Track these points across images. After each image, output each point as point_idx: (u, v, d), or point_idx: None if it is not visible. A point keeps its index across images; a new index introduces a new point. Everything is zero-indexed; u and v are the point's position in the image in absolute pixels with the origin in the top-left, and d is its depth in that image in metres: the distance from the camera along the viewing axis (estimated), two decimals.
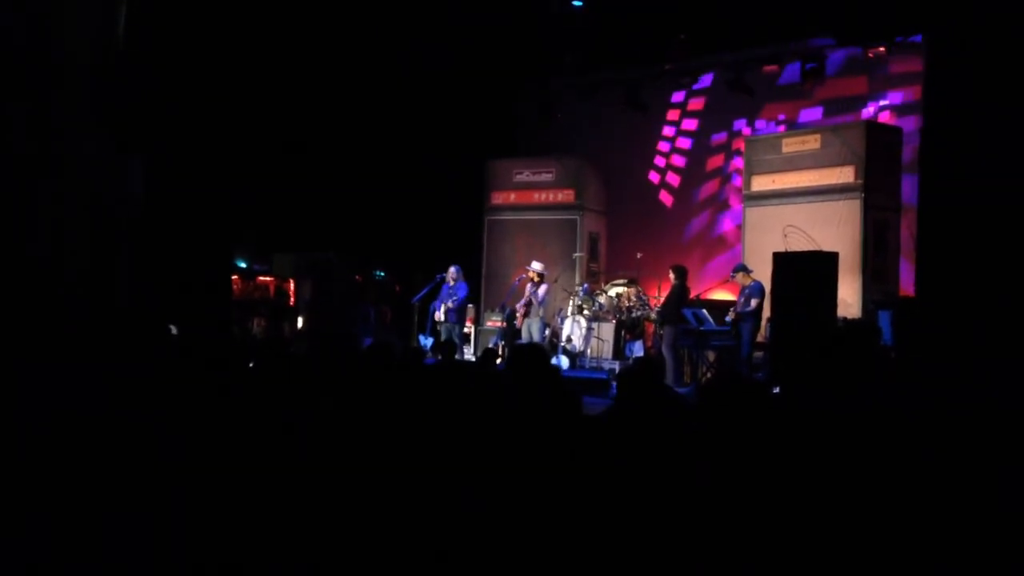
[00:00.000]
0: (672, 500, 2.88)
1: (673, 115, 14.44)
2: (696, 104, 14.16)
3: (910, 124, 11.43)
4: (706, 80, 13.53)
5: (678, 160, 14.44)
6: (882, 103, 12.19)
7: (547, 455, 3.20)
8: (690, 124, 14.29)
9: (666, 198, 14.48)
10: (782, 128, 12.94)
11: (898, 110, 12.00)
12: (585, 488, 2.99)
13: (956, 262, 7.47)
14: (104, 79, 6.36)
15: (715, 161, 14.02)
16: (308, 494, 3.14)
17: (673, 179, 14.47)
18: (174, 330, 6.60)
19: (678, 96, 14.27)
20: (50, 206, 5.71)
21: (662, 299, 11.34)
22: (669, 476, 2.99)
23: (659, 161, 14.60)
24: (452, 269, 11.62)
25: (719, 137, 13.97)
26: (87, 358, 4.77)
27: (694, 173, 14.24)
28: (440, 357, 9.13)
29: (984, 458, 3.21)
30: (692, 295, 10.82)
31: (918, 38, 10.91)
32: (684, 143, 14.37)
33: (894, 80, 12.02)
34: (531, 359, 4.08)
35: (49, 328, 5.47)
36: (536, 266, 11.68)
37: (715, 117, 13.95)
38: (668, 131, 14.52)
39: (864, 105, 12.22)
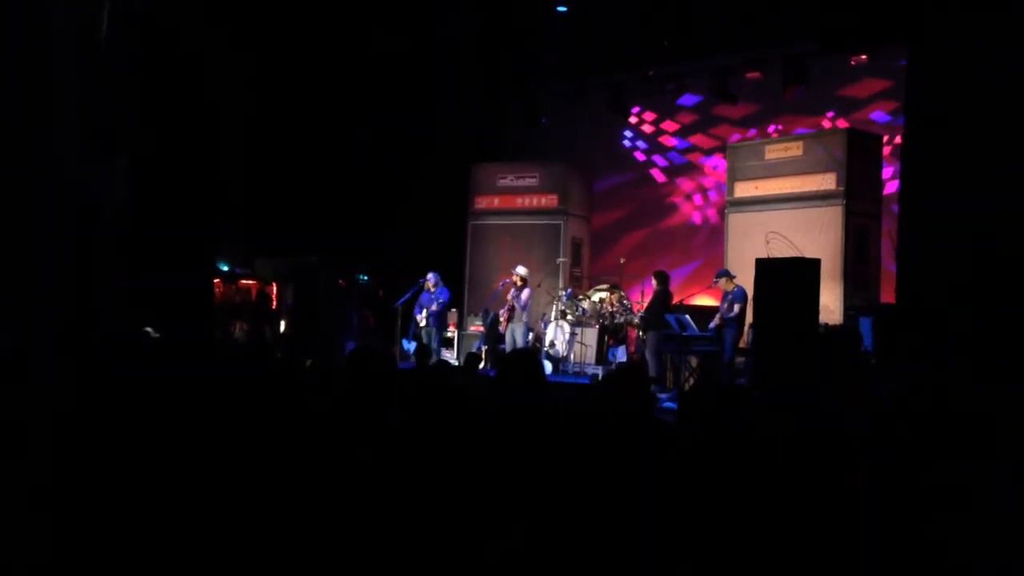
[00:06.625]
0: (661, 504, 2.89)
1: (656, 120, 14.52)
2: (679, 109, 14.24)
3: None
4: (690, 85, 13.60)
5: (662, 163, 14.50)
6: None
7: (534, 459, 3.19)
8: (672, 127, 14.38)
9: (650, 203, 14.53)
10: (775, 133, 13.02)
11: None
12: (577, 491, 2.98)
13: (936, 268, 7.51)
14: (89, 79, 6.33)
15: (698, 167, 14.09)
16: (291, 499, 3.12)
17: (657, 183, 14.54)
18: (153, 333, 6.56)
19: (662, 101, 14.34)
20: (34, 206, 5.67)
21: (645, 304, 11.37)
22: (656, 480, 2.99)
23: (643, 167, 14.66)
24: (430, 276, 11.67)
25: (702, 142, 14.04)
26: (72, 359, 4.73)
27: (678, 178, 14.31)
28: (415, 362, 9.13)
29: (965, 461, 3.23)
30: (675, 300, 10.85)
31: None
32: (668, 147, 14.45)
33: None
34: (522, 367, 3.97)
35: (35, 329, 5.43)
36: (520, 270, 11.71)
37: (698, 122, 14.04)
38: (652, 136, 14.59)
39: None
